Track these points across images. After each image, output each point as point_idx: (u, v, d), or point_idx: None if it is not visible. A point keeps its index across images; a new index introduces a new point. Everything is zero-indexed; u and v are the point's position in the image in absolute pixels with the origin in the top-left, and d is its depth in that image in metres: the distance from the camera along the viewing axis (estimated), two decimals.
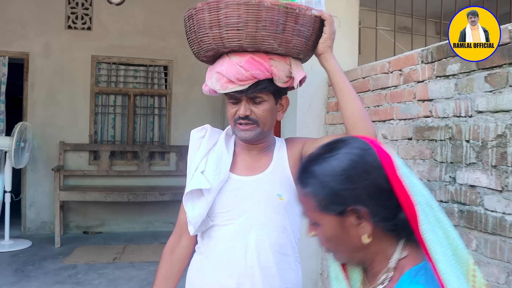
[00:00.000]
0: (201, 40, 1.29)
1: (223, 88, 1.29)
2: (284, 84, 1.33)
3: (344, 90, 1.30)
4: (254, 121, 1.31)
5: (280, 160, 1.40)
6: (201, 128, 1.46)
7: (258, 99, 1.30)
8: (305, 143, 1.41)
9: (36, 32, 5.26)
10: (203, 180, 1.33)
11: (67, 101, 5.40)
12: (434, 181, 2.20)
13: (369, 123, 1.28)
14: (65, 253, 4.43)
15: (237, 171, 1.39)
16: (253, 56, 1.26)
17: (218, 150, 1.39)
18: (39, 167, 5.31)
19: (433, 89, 2.26)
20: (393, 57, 2.66)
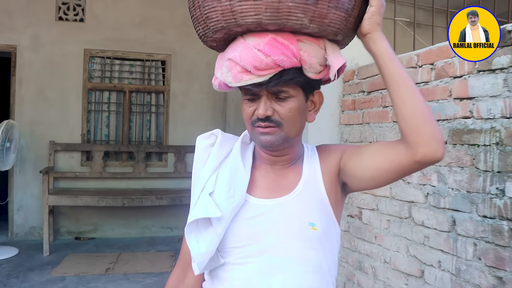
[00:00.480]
0: (207, 17, 1.00)
1: (236, 80, 1.01)
2: (316, 75, 1.04)
3: (399, 81, 0.98)
4: (277, 123, 1.03)
5: (312, 176, 1.11)
6: (209, 133, 1.17)
7: (283, 95, 1.02)
8: (345, 152, 1.12)
9: (24, 24, 4.97)
10: (212, 206, 1.04)
11: (58, 97, 5.12)
12: (475, 192, 1.89)
13: (434, 126, 0.96)
14: (54, 263, 4.11)
15: (257, 193, 1.09)
16: (275, 37, 0.97)
17: (232, 164, 1.10)
18: (27, 168, 5.01)
19: (474, 85, 1.96)
20: (423, 49, 2.35)
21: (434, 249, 2.11)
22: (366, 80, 2.82)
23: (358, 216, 2.83)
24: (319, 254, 1.06)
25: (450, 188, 2.03)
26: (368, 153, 1.04)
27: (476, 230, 1.85)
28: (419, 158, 0.93)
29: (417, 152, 0.93)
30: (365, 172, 1.04)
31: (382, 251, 2.58)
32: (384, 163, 1.00)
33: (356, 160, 1.06)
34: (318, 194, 1.09)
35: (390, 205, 2.52)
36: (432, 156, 0.93)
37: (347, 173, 1.08)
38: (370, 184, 1.07)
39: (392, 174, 1.00)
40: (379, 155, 1.02)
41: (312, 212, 1.06)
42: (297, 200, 1.07)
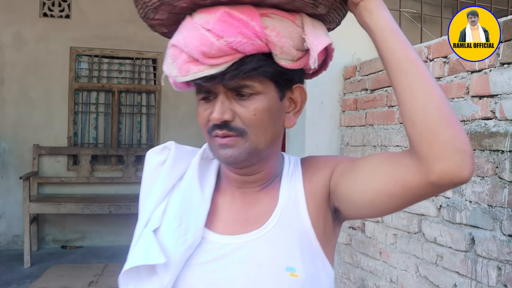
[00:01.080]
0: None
1: (182, 73, 0.75)
2: (293, 64, 0.78)
3: (407, 66, 0.71)
4: (239, 131, 0.77)
5: (292, 201, 0.84)
6: (162, 147, 0.92)
7: (246, 91, 0.76)
8: (336, 168, 0.84)
9: (6, 20, 4.76)
10: (155, 248, 0.79)
11: (43, 98, 4.90)
12: (499, 207, 1.62)
13: (458, 130, 0.67)
14: (35, 276, 3.87)
15: (218, 227, 0.84)
16: (229, 11, 0.72)
17: (186, 189, 0.86)
18: (10, 173, 4.78)
19: (497, 81, 1.72)
20: (434, 40, 2.10)
21: (448, 270, 1.86)
22: (369, 76, 2.58)
23: (361, 228, 2.57)
24: None
25: (467, 200, 1.77)
26: (365, 170, 0.78)
27: (501, 252, 1.59)
28: (435, 178, 0.66)
29: (433, 169, 0.66)
30: (361, 196, 0.78)
31: (388, 269, 2.32)
32: (386, 186, 0.74)
33: (350, 179, 0.80)
34: (300, 226, 0.83)
35: (397, 218, 2.26)
36: (454, 175, 0.66)
37: (339, 197, 0.82)
38: (370, 211, 0.82)
39: (397, 199, 0.73)
40: (380, 173, 0.75)
41: (292, 252, 0.80)
42: (271, 237, 0.81)
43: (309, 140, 2.74)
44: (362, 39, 2.91)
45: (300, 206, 0.84)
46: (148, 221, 0.84)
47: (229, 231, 0.83)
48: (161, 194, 0.86)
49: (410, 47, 0.72)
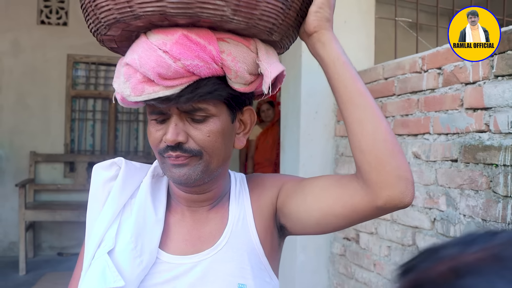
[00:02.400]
0: (97, 6, 0.75)
1: (136, 93, 0.76)
2: (245, 88, 0.80)
3: (357, 99, 0.77)
4: (194, 153, 0.79)
5: (242, 220, 0.88)
6: (110, 162, 0.91)
7: (200, 114, 0.79)
8: (282, 188, 0.90)
9: (4, 28, 4.76)
10: (112, 271, 0.79)
11: (40, 106, 4.89)
12: (493, 221, 1.60)
13: (402, 160, 0.75)
14: (29, 284, 3.85)
15: (171, 247, 0.86)
16: (188, 34, 0.74)
17: (140, 208, 0.86)
18: (6, 180, 4.77)
19: (491, 93, 1.70)
20: (429, 51, 2.08)
21: None
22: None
23: (355, 239, 2.55)
24: None
25: (461, 214, 1.75)
26: (313, 191, 0.84)
27: None
28: (381, 203, 0.74)
29: (380, 195, 0.74)
30: (309, 215, 0.83)
31: (382, 281, 2.30)
32: (334, 207, 0.80)
33: (298, 200, 0.85)
34: (249, 244, 0.87)
35: (391, 230, 2.23)
36: (399, 201, 0.74)
37: (286, 215, 0.87)
38: (314, 229, 0.87)
39: (344, 220, 0.81)
40: (328, 196, 0.81)
41: (243, 268, 0.84)
42: (223, 256, 0.85)
43: (304, 151, 2.72)
44: (357, 49, 2.90)
45: (249, 225, 0.87)
46: (101, 242, 0.82)
47: (182, 251, 0.85)
48: (113, 213, 0.85)
49: (359, 80, 0.77)
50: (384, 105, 2.35)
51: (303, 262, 2.82)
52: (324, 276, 2.84)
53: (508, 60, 1.60)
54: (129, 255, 0.81)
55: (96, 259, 0.81)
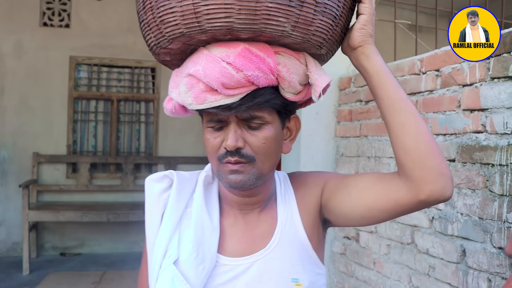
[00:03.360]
0: (162, 21, 0.81)
1: (198, 102, 0.82)
2: (295, 97, 0.87)
3: (399, 104, 0.83)
4: (249, 158, 0.85)
5: (289, 219, 0.95)
6: (162, 175, 0.97)
7: (257, 121, 0.84)
8: (326, 185, 0.95)
9: (7, 30, 4.80)
10: (180, 280, 0.86)
11: (42, 107, 4.93)
12: (489, 219, 1.65)
13: (442, 158, 0.81)
14: (33, 283, 3.88)
15: (227, 250, 0.92)
16: (249, 47, 0.80)
17: (198, 218, 0.92)
18: (9, 181, 4.81)
19: (487, 95, 1.74)
20: (427, 53, 2.12)
21: (440, 281, 1.88)
22: (364, 88, 2.60)
23: (355, 238, 2.59)
24: None
25: (459, 213, 1.79)
26: (357, 188, 0.89)
27: (491, 264, 1.61)
28: (424, 197, 0.80)
29: (423, 190, 0.80)
30: (353, 210, 0.89)
31: (382, 279, 2.33)
32: (378, 202, 0.86)
33: (342, 196, 0.91)
34: (298, 241, 0.93)
35: (391, 228, 2.28)
36: (440, 195, 0.80)
37: (331, 210, 0.94)
38: (358, 222, 0.94)
39: (387, 214, 0.86)
40: (372, 191, 0.87)
41: (294, 265, 0.91)
42: (275, 254, 0.91)
43: (305, 151, 2.76)
44: None
45: (296, 223, 0.94)
46: (165, 252, 0.89)
47: (238, 253, 0.91)
48: (172, 224, 0.91)
49: (400, 88, 0.83)
50: None
51: None
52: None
53: (504, 63, 1.64)
54: (192, 263, 0.87)
55: (164, 270, 0.87)
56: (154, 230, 0.93)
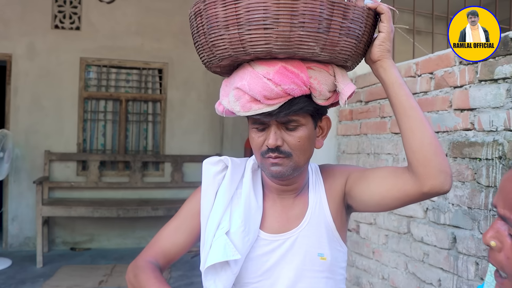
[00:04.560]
0: (214, 45, 0.97)
1: (244, 110, 0.99)
2: (325, 102, 1.03)
3: (410, 111, 0.97)
4: (286, 154, 1.02)
5: (318, 204, 1.13)
6: (217, 160, 1.14)
7: (293, 124, 1.01)
8: (350, 176, 1.13)
9: (20, 32, 4.93)
10: (230, 248, 1.03)
11: (54, 106, 5.06)
12: (477, 209, 1.81)
13: (443, 158, 0.96)
14: (47, 275, 4.03)
15: (267, 227, 1.11)
16: (285, 65, 0.95)
17: (246, 198, 1.10)
18: (22, 178, 4.94)
19: (476, 96, 1.89)
20: (422, 57, 2.28)
21: (433, 267, 2.03)
22: (364, 89, 2.75)
23: (356, 230, 2.75)
24: (329, 281, 1.10)
25: (450, 203, 1.95)
26: (374, 179, 1.05)
27: (478, 249, 1.77)
28: (426, 190, 0.94)
29: (425, 184, 0.94)
30: (371, 198, 1.06)
31: (380, 267, 2.49)
32: (391, 192, 1.01)
33: (363, 186, 1.07)
34: (325, 222, 1.11)
35: (389, 220, 2.44)
36: (439, 189, 0.94)
37: (353, 197, 1.10)
38: (375, 208, 1.09)
39: (397, 201, 1.01)
40: (386, 183, 1.03)
41: (321, 242, 1.09)
42: (305, 233, 1.09)
43: None
44: None
45: (324, 208, 1.12)
46: (218, 225, 1.06)
47: (275, 230, 1.09)
48: (225, 202, 1.08)
49: (412, 97, 0.99)
50: (382, 106, 2.55)
51: None
52: None
53: (490, 67, 1.80)
54: (240, 235, 1.05)
55: (217, 239, 1.04)
56: (209, 206, 1.09)
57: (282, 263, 1.08)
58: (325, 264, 1.08)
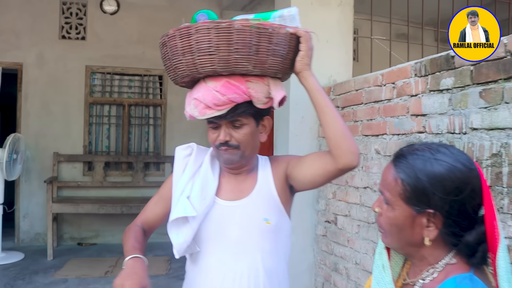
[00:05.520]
0: (176, 67, 1.26)
1: (201, 114, 1.27)
2: (263, 106, 1.30)
3: (325, 109, 1.26)
4: (234, 146, 1.30)
5: (265, 181, 1.39)
6: (186, 146, 1.45)
7: (238, 123, 1.29)
8: (290, 162, 1.40)
9: (30, 43, 5.24)
10: (189, 207, 1.30)
11: (61, 111, 5.37)
12: None
13: (352, 143, 1.24)
14: (57, 266, 4.37)
15: (222, 196, 1.37)
16: (229, 80, 1.23)
17: (204, 173, 1.38)
18: (32, 178, 5.26)
19: (426, 103, 2.21)
20: (386, 69, 2.61)
21: None
22: (340, 96, 3.07)
23: (334, 222, 3.07)
24: (273, 242, 1.35)
25: None
26: (306, 162, 1.35)
27: None
28: (341, 166, 1.24)
29: (339, 162, 1.23)
30: (305, 177, 1.34)
31: (353, 254, 2.82)
32: (317, 170, 1.30)
33: (298, 168, 1.36)
34: (271, 195, 1.38)
35: (360, 211, 2.76)
36: (350, 165, 1.23)
37: (292, 178, 1.38)
38: (309, 185, 1.37)
39: (323, 178, 1.31)
40: (314, 164, 1.32)
41: (266, 210, 1.35)
42: (254, 201, 1.36)
43: (292, 149, 3.24)
44: (337, 65, 3.42)
45: (271, 185, 1.38)
46: (183, 191, 1.34)
47: (229, 198, 1.37)
48: (190, 176, 1.37)
49: (327, 99, 1.29)
50: (355, 112, 2.88)
51: (293, 242, 3.20)
52: (310, 254, 3.36)
53: (437, 79, 2.13)
54: (198, 198, 1.32)
55: (180, 201, 1.32)
56: (177, 179, 1.38)
57: (235, 223, 1.34)
58: (269, 227, 1.33)
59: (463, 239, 0.89)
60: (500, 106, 1.77)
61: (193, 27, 1.20)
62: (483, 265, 0.91)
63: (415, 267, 0.97)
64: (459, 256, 0.91)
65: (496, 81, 1.79)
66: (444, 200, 0.87)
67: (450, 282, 0.87)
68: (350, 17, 3.53)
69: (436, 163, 0.89)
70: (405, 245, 0.94)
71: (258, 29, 1.19)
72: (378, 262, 1.01)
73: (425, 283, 0.92)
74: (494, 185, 1.78)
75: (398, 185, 0.92)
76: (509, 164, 1.72)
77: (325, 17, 3.41)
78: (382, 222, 0.97)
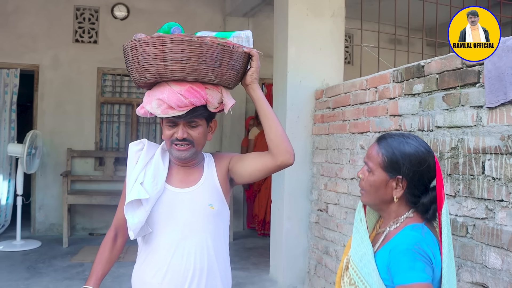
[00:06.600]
0: (145, 70, 1.39)
1: (164, 113, 1.43)
2: (215, 110, 1.52)
3: (268, 116, 1.49)
4: (190, 142, 1.48)
5: (210, 173, 1.59)
6: (138, 142, 1.60)
7: (194, 123, 1.48)
8: (232, 159, 1.61)
9: (46, 46, 5.56)
10: (142, 191, 1.46)
11: (75, 110, 5.68)
12: None
13: (288, 144, 1.48)
14: (73, 253, 4.72)
15: (173, 183, 1.55)
16: (192, 86, 1.41)
17: (155, 163, 1.53)
18: (48, 172, 5.60)
19: (402, 105, 2.57)
20: (370, 75, 2.96)
21: None
22: (332, 98, 3.43)
23: (325, 210, 3.43)
24: (216, 224, 1.55)
25: None
26: (248, 159, 1.57)
27: None
28: (279, 163, 1.47)
29: (278, 159, 1.47)
30: (245, 171, 1.56)
31: (342, 237, 3.18)
32: (257, 166, 1.52)
33: (240, 164, 1.58)
34: (214, 185, 1.57)
35: (348, 200, 3.13)
36: (286, 162, 1.46)
37: (233, 172, 1.59)
38: (248, 179, 1.60)
39: (261, 172, 1.52)
40: (254, 161, 1.54)
41: (211, 197, 1.55)
42: (200, 189, 1.55)
43: None
44: (330, 70, 3.78)
45: (214, 177, 1.58)
46: (136, 179, 1.48)
47: (178, 186, 1.53)
48: (142, 165, 1.52)
49: (269, 107, 1.49)
50: (344, 112, 3.24)
51: (288, 229, 3.68)
52: (304, 240, 3.72)
53: (410, 85, 2.50)
54: (150, 184, 1.47)
55: (134, 187, 1.46)
56: (131, 170, 1.52)
57: (184, 208, 1.49)
58: (213, 212, 1.52)
59: (420, 200, 1.27)
60: (457, 108, 2.15)
61: (169, 37, 1.35)
62: (432, 221, 1.30)
63: (385, 220, 1.34)
64: (416, 212, 1.29)
65: (455, 87, 2.16)
66: (410, 169, 1.25)
67: (407, 228, 1.24)
68: (341, 26, 3.88)
69: (407, 145, 1.28)
70: (379, 202, 1.31)
71: (224, 46, 1.39)
72: (357, 217, 1.37)
73: (391, 230, 1.28)
74: (453, 173, 2.15)
75: (379, 157, 1.29)
76: (464, 156, 2.09)
77: (319, 26, 3.77)
78: (364, 184, 1.34)
